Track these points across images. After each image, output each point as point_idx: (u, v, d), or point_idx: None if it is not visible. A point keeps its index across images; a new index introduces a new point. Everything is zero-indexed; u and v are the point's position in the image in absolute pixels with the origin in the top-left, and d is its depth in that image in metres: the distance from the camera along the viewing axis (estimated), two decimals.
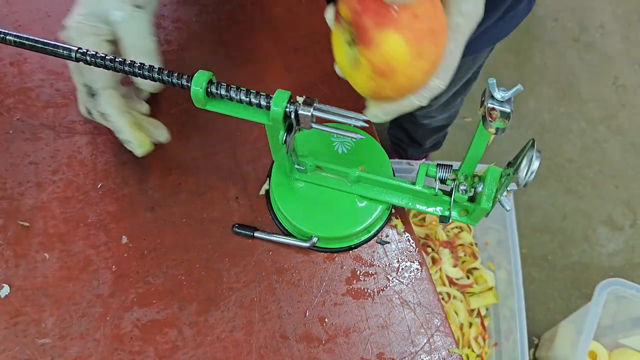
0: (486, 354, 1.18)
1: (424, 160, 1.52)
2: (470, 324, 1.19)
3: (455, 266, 1.22)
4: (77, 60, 0.42)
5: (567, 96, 1.83)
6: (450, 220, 0.46)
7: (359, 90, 0.40)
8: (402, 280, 0.51)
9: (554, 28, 1.94)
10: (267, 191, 0.53)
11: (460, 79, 1.02)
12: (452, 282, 1.19)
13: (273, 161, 0.52)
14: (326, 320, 0.49)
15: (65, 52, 0.42)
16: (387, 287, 0.50)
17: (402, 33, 0.34)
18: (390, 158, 0.52)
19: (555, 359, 1.30)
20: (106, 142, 0.55)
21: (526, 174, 0.38)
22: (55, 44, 0.42)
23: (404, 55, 0.35)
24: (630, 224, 1.63)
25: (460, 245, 1.27)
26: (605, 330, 1.33)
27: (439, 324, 0.49)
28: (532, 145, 0.39)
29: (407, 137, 1.35)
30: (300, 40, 0.60)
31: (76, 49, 0.42)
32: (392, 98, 0.39)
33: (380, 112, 0.41)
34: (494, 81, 0.39)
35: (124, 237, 0.52)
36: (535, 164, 0.38)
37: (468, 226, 1.32)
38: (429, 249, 1.22)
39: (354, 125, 0.40)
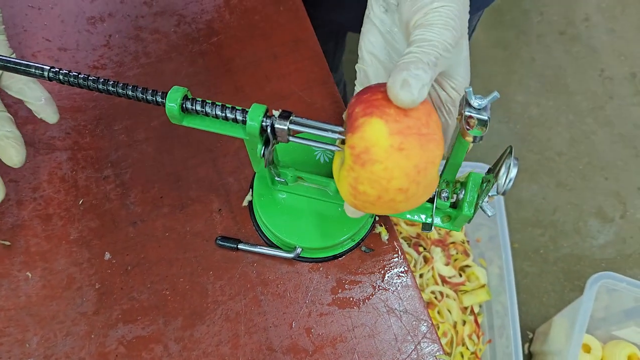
0: (480, 351, 1.19)
1: None
2: (464, 322, 1.19)
3: (447, 264, 1.22)
4: (50, 79, 0.41)
5: (554, 89, 1.83)
6: (433, 228, 0.46)
7: (342, 195, 0.39)
8: (387, 288, 0.51)
9: (540, 22, 1.94)
10: (250, 202, 0.53)
11: None
12: (444, 281, 1.20)
13: (255, 172, 0.51)
14: (312, 331, 0.49)
15: (37, 71, 0.41)
16: (372, 296, 0.50)
17: (387, 123, 0.34)
18: None
19: (550, 353, 1.31)
20: (87, 158, 0.55)
21: (505, 182, 0.38)
22: (27, 64, 0.42)
23: (384, 142, 0.34)
24: (620, 215, 1.64)
25: (452, 243, 1.27)
26: (598, 322, 1.33)
27: (425, 331, 0.49)
28: (510, 152, 0.39)
29: None
30: (280, 48, 0.59)
31: (48, 67, 0.41)
32: (370, 198, 0.37)
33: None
34: (471, 89, 0.39)
35: (107, 253, 0.51)
36: (513, 172, 0.38)
37: None
38: (421, 248, 1.22)
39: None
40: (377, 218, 0.53)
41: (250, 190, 0.52)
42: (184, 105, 0.40)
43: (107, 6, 0.61)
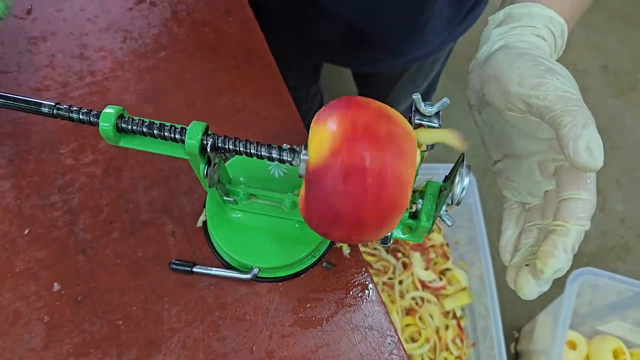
0: (465, 354, 1.17)
1: None
2: (447, 327, 1.17)
3: (427, 269, 1.20)
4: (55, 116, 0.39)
5: None
6: (392, 241, 0.44)
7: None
8: (351, 304, 0.49)
9: None
10: (205, 222, 0.50)
11: (420, 86, 1.02)
12: (424, 286, 1.18)
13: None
14: (275, 354, 0.47)
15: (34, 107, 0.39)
16: (336, 313, 0.48)
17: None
18: None
19: (536, 352, 1.30)
20: (31, 185, 0.52)
21: (458, 192, 0.36)
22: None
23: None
24: (600, 208, 1.64)
25: (432, 246, 1.26)
26: (583, 317, 1.33)
27: (392, 348, 0.47)
28: (462, 160, 0.37)
29: None
30: (231, 60, 0.57)
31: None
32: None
33: None
34: (419, 96, 0.37)
35: (55, 284, 0.49)
36: (466, 181, 0.36)
37: (438, 226, 1.31)
38: (399, 254, 1.20)
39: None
40: None
41: (204, 210, 0.50)
42: (119, 125, 0.38)
43: (50, 25, 0.59)
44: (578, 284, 1.12)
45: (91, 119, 0.38)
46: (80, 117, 0.38)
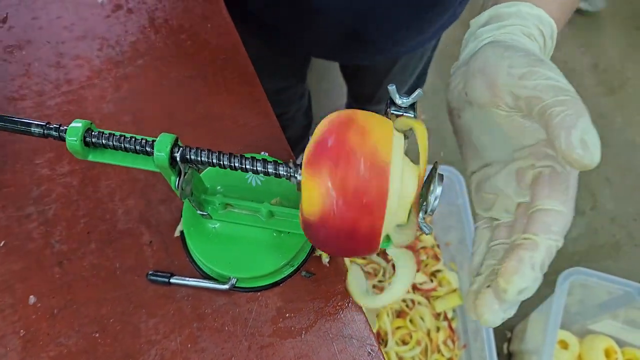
0: (456, 356, 1.17)
1: None
2: (438, 329, 1.17)
3: (417, 271, 1.20)
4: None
5: None
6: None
7: None
8: (331, 313, 0.48)
9: None
10: (183, 232, 0.50)
11: (410, 77, 1.01)
12: (415, 288, 1.18)
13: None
14: None
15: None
16: (315, 323, 0.48)
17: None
18: None
19: (528, 352, 1.30)
20: (7, 196, 0.51)
21: (432, 201, 0.36)
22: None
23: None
24: (590, 207, 1.64)
25: (422, 248, 1.25)
26: (574, 316, 1.33)
27: (372, 357, 0.47)
28: (435, 169, 0.36)
29: None
30: (209, 67, 0.57)
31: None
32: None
33: None
34: (394, 87, 0.37)
35: (31, 297, 0.48)
36: (438, 190, 0.35)
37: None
38: (390, 256, 1.20)
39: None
40: None
41: (182, 219, 0.49)
42: (87, 139, 0.37)
43: (26, 33, 0.58)
44: (568, 283, 1.12)
45: (60, 133, 0.38)
46: (47, 132, 0.38)
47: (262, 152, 0.52)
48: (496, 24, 0.41)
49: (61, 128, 0.38)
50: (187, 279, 0.48)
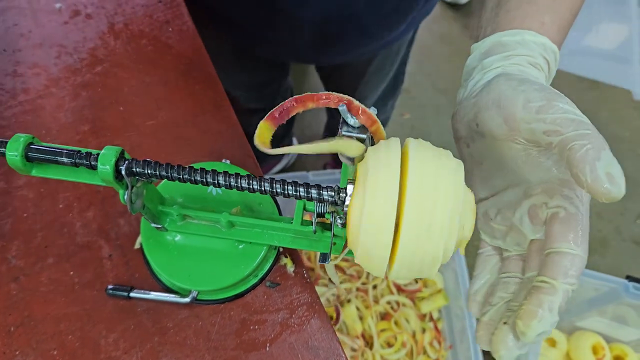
0: (443, 357, 1.16)
1: None
2: (424, 330, 1.16)
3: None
4: None
5: None
6: (330, 259, 0.43)
7: None
8: (296, 324, 0.47)
9: None
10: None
11: (387, 75, 1.00)
12: (400, 289, 1.16)
13: None
14: None
15: None
16: (280, 335, 0.46)
17: None
18: None
19: None
20: None
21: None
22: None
23: None
24: None
25: None
26: (562, 313, 1.32)
27: None
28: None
29: None
30: (171, 73, 0.55)
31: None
32: None
33: None
34: (344, 107, 0.35)
35: None
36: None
37: None
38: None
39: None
40: (281, 249, 0.49)
41: (141, 231, 0.48)
42: (28, 154, 0.36)
43: None
44: None
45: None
46: None
47: (224, 160, 0.50)
48: (502, 54, 0.40)
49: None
50: (148, 292, 0.46)
